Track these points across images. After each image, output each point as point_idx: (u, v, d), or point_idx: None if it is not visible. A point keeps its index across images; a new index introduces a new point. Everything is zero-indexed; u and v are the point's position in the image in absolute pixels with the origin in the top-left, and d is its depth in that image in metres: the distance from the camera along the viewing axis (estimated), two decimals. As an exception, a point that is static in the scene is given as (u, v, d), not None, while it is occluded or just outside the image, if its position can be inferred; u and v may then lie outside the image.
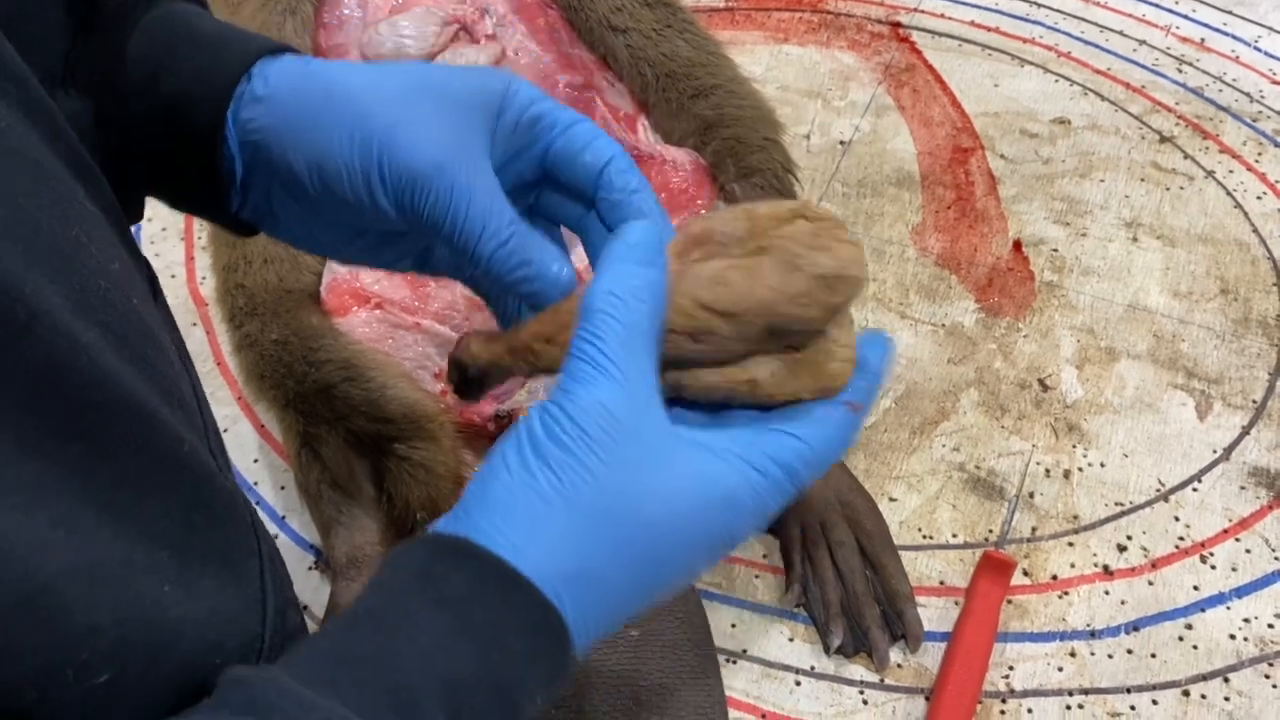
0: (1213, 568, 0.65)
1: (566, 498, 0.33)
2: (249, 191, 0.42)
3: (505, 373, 0.40)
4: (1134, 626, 0.62)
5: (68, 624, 0.27)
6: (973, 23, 1.05)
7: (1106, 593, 0.64)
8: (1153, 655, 0.61)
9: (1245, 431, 0.71)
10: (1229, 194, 0.87)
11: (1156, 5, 1.06)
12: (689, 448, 0.35)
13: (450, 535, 0.33)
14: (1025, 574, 0.65)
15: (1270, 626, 0.62)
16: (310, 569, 0.67)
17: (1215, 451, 0.70)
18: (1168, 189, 0.88)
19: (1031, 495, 0.68)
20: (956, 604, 0.63)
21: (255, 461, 0.72)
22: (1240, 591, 0.64)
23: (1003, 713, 0.59)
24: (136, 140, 0.41)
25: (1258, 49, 1.01)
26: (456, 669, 0.31)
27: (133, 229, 0.86)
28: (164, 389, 0.34)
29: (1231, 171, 0.89)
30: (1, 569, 0.26)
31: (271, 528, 0.69)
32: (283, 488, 0.71)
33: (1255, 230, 0.84)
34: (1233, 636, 0.62)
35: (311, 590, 0.66)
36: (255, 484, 0.71)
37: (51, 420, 0.28)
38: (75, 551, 0.28)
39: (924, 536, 0.67)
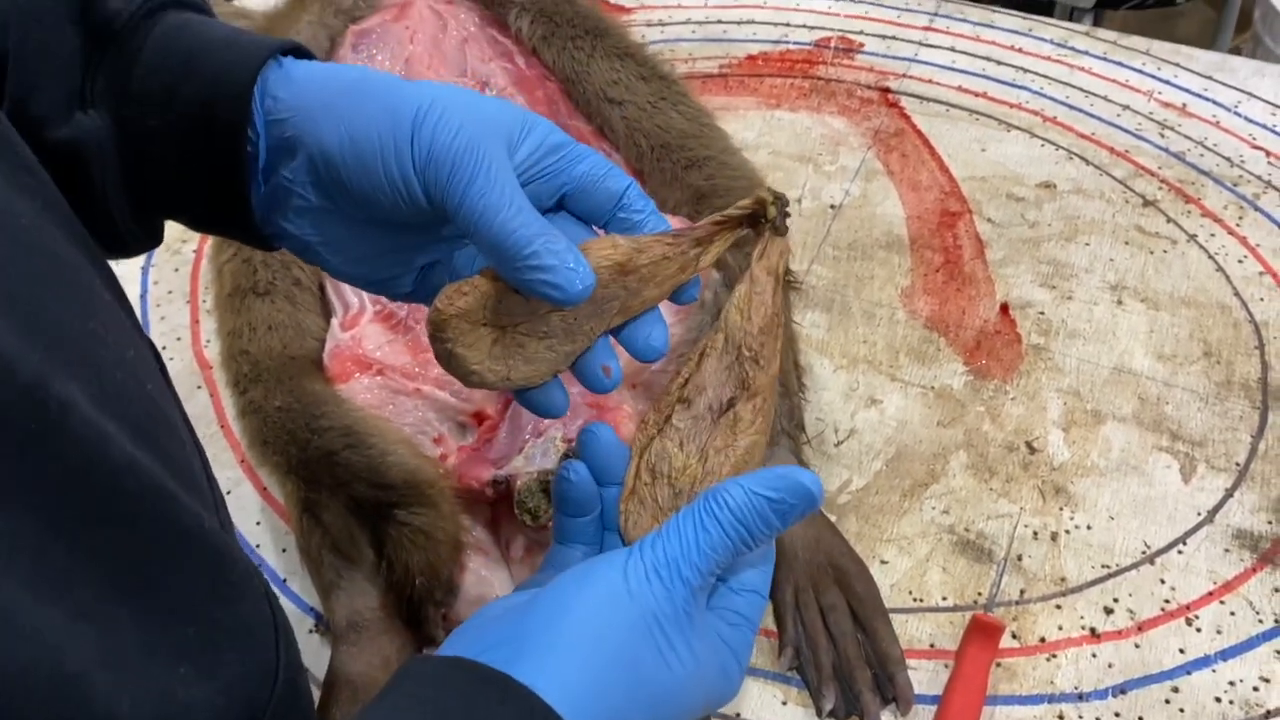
0: (1198, 630, 0.66)
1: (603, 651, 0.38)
2: (270, 179, 0.44)
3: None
4: (1121, 689, 0.63)
5: (91, 713, 0.28)
6: (960, 88, 1.08)
7: (1094, 655, 0.65)
8: (1140, 718, 0.62)
9: (1229, 494, 0.73)
10: (1211, 257, 0.89)
11: (1139, 70, 1.09)
12: (708, 624, 0.41)
13: (494, 670, 0.36)
14: (1014, 636, 0.66)
15: (1255, 690, 0.63)
16: (310, 632, 0.68)
17: (1200, 514, 0.72)
18: (1151, 252, 0.90)
19: (1020, 558, 0.70)
20: (946, 666, 0.64)
21: (257, 524, 0.74)
22: (1225, 654, 0.65)
23: (992, 776, 0.60)
24: (156, 152, 0.43)
25: (1237, 114, 1.03)
26: None
27: (138, 291, 0.87)
28: (177, 472, 0.36)
29: (1213, 235, 0.91)
30: (34, 660, 0.27)
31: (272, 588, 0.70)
32: (284, 550, 0.72)
33: (1237, 293, 0.86)
34: (1219, 699, 0.63)
35: (312, 653, 0.67)
36: (257, 546, 0.72)
37: (83, 507, 0.29)
38: (100, 640, 0.29)
39: (914, 599, 0.68)
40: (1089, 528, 0.71)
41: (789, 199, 0.44)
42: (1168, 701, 0.63)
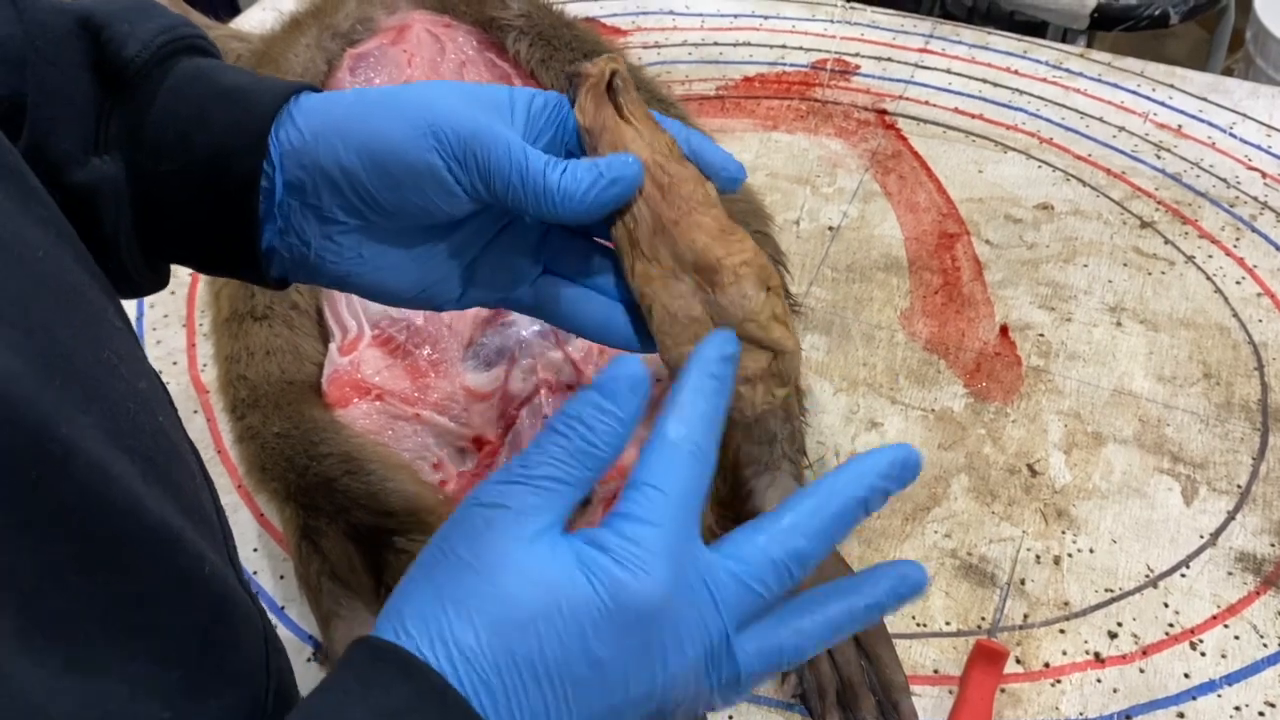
0: (1203, 655, 0.66)
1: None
2: (289, 217, 0.44)
3: None
4: (1127, 716, 0.63)
5: None
6: (956, 109, 1.08)
7: (1099, 680, 0.65)
8: (1146, 744, 0.62)
9: (1231, 516, 0.73)
10: (1209, 278, 0.89)
11: (1134, 92, 1.09)
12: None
13: (392, 646, 0.33)
14: (1018, 662, 0.65)
15: (1261, 715, 0.63)
16: (309, 660, 0.67)
17: (1202, 537, 0.72)
18: (1149, 274, 0.90)
19: (1023, 582, 0.69)
20: (951, 693, 0.64)
21: (255, 551, 0.73)
22: (1230, 679, 0.64)
23: (999, 804, 0.59)
24: (169, 198, 0.43)
25: (1233, 135, 1.04)
26: None
27: (134, 315, 0.87)
28: (186, 506, 0.35)
29: (1211, 256, 0.91)
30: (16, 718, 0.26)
31: (270, 617, 0.69)
32: (282, 577, 0.71)
33: (1235, 315, 0.86)
34: (1224, 725, 0.62)
35: (311, 682, 0.66)
36: (255, 573, 0.72)
37: (82, 553, 0.29)
38: (85, 691, 0.28)
39: (918, 624, 0.67)
40: (1091, 551, 0.71)
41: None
42: (1173, 727, 0.62)
